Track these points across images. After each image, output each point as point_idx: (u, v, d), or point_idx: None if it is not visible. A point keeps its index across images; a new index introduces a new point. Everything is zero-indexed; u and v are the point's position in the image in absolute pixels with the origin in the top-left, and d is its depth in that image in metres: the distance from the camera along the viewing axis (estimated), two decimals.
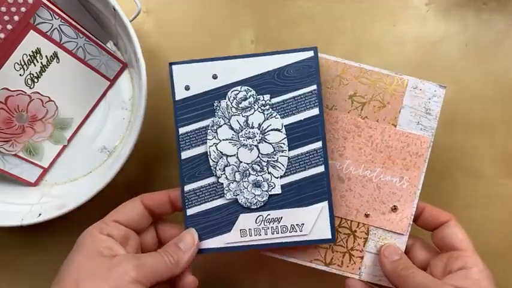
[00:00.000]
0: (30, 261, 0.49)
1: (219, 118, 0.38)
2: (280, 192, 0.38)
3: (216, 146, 0.38)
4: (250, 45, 0.51)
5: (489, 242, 0.48)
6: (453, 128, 0.49)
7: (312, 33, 0.51)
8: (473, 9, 0.51)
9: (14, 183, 0.48)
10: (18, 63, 0.44)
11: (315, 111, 0.37)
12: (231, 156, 0.38)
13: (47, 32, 0.44)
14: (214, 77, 0.38)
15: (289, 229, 0.37)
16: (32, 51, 0.44)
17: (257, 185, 0.38)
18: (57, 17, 0.44)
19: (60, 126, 0.48)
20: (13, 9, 0.42)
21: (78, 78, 0.48)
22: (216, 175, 0.38)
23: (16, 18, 0.42)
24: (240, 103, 0.38)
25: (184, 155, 0.38)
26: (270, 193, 0.38)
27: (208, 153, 0.38)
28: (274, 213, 0.37)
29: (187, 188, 0.38)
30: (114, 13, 0.43)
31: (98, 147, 0.49)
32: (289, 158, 0.37)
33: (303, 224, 0.37)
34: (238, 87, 0.38)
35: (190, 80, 0.38)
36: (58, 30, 0.45)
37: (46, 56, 0.45)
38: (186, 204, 0.38)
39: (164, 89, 0.50)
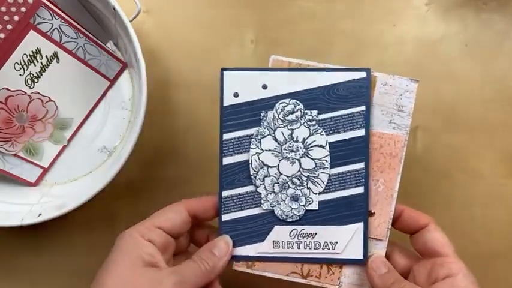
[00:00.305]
0: (30, 261, 0.49)
1: (264, 128, 0.38)
2: (317, 208, 0.37)
3: (258, 155, 0.38)
4: (250, 45, 0.51)
5: (489, 242, 0.48)
6: (453, 128, 0.49)
7: (312, 33, 0.51)
8: (473, 9, 0.51)
9: (14, 183, 0.48)
10: (18, 63, 0.44)
11: (361, 132, 0.37)
12: (272, 167, 0.38)
13: (47, 32, 0.44)
14: (264, 87, 0.38)
15: (322, 246, 0.37)
16: (32, 51, 0.44)
17: (295, 198, 0.37)
18: (57, 17, 0.44)
19: (60, 126, 0.48)
20: (13, 9, 0.42)
21: (78, 78, 0.48)
22: (255, 184, 0.38)
23: (16, 18, 0.42)
24: (287, 116, 0.38)
25: (226, 161, 0.38)
26: (306, 208, 0.37)
27: (250, 162, 0.38)
28: (309, 229, 0.37)
29: (225, 193, 0.38)
30: (114, 13, 0.43)
31: (98, 147, 0.50)
32: (329, 176, 0.37)
33: (337, 242, 0.37)
34: (287, 100, 0.38)
35: (239, 88, 0.38)
36: (58, 30, 0.45)
37: (46, 56, 0.45)
38: (222, 209, 0.38)
39: (164, 89, 0.50)
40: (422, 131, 0.49)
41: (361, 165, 0.37)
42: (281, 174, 0.38)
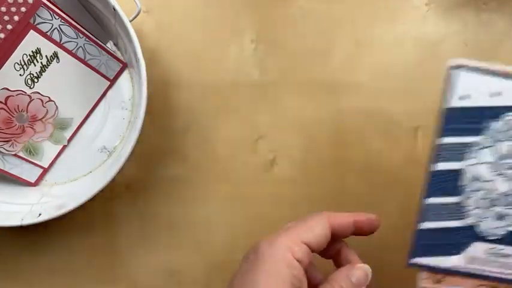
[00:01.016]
0: (30, 261, 0.49)
1: (486, 139, 0.35)
2: None
3: (474, 166, 0.35)
4: (250, 45, 0.51)
5: None
6: None
7: (312, 33, 0.51)
8: (473, 9, 0.51)
9: (14, 183, 0.48)
10: (18, 63, 0.44)
11: None
12: (485, 181, 0.35)
13: (47, 32, 0.44)
14: (496, 94, 0.34)
15: None
16: (32, 51, 0.44)
17: (500, 217, 0.35)
18: (57, 17, 0.44)
19: (60, 126, 0.48)
20: (13, 9, 0.42)
21: (78, 78, 0.48)
22: (463, 196, 0.35)
23: (16, 18, 0.42)
24: None
25: (438, 166, 0.35)
26: (510, 229, 0.35)
27: (464, 172, 0.35)
28: (508, 249, 0.35)
29: (429, 201, 0.35)
30: (114, 13, 0.43)
31: (98, 147, 0.50)
32: None
33: None
34: None
35: (468, 91, 0.34)
36: (58, 30, 0.45)
37: (46, 56, 0.45)
38: (422, 217, 0.36)
39: (164, 89, 0.50)
40: (422, 131, 0.49)
41: None
42: (493, 190, 0.35)
